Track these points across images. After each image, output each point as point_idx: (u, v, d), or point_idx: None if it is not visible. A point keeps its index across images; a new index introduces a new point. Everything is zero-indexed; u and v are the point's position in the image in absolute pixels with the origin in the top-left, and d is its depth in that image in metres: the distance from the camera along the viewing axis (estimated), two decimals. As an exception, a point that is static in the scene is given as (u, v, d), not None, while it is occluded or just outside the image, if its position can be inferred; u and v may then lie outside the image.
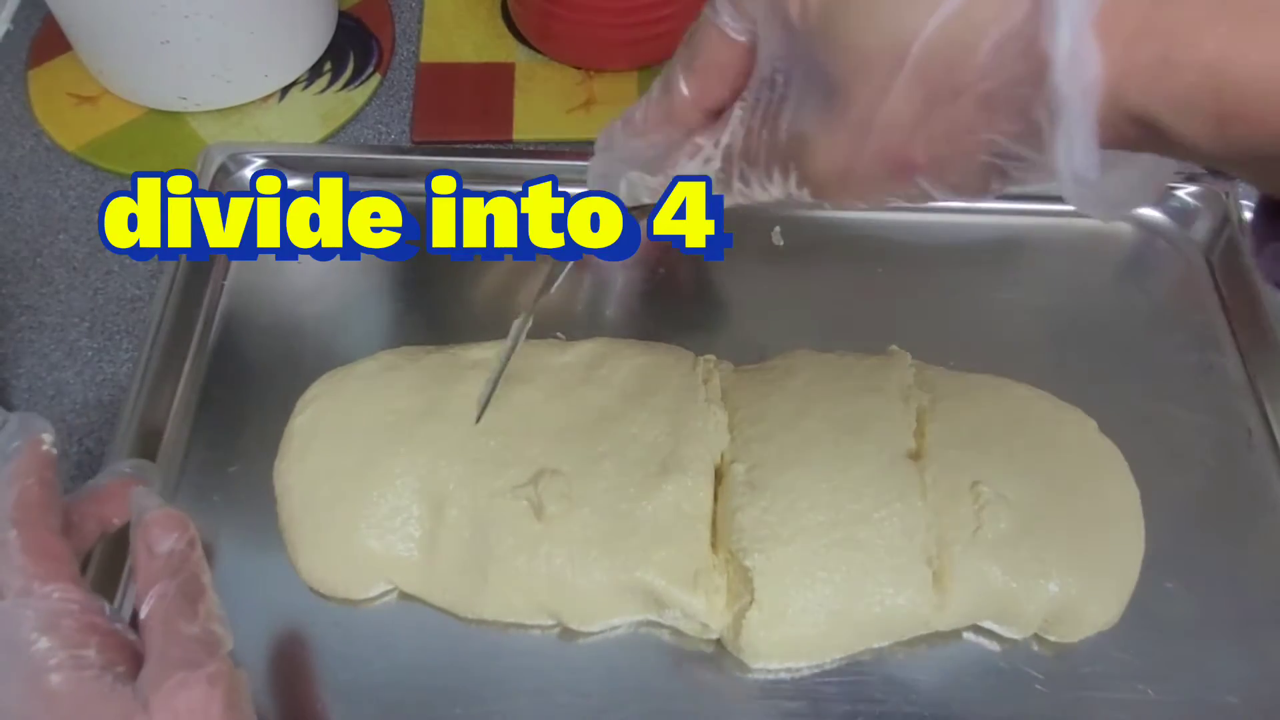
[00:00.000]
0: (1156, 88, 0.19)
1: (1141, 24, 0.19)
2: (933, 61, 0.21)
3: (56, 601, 0.31)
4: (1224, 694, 0.43)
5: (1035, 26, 0.19)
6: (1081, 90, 0.19)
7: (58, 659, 0.31)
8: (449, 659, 0.42)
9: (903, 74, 0.21)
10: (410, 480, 0.43)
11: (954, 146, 0.22)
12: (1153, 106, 0.19)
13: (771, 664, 0.42)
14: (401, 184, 0.58)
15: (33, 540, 0.32)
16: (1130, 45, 0.19)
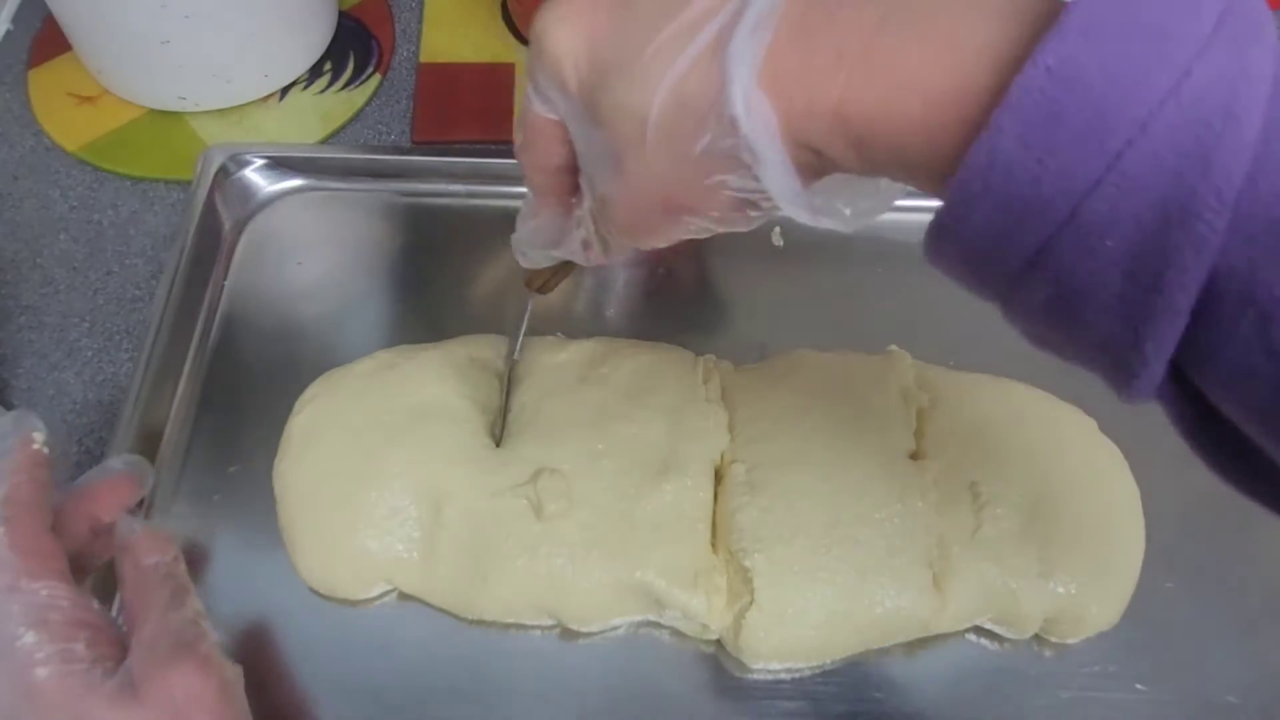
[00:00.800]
0: (811, 127, 0.25)
1: (793, 80, 0.25)
2: (664, 127, 0.27)
3: (44, 597, 0.31)
4: (1224, 694, 0.43)
5: (720, 94, 0.25)
6: (765, 136, 0.25)
7: (45, 653, 0.30)
8: (449, 659, 0.42)
9: (649, 139, 0.27)
10: (409, 480, 0.43)
11: (703, 189, 0.28)
12: (814, 141, 0.25)
13: (771, 664, 0.42)
14: (401, 184, 0.58)
15: (21, 537, 0.32)
16: (789, 97, 0.25)
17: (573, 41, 0.29)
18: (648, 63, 0.27)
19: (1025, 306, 0.24)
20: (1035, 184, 0.21)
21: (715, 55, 0.25)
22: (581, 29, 0.29)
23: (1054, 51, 0.20)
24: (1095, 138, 0.20)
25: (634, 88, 0.27)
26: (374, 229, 0.57)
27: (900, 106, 0.23)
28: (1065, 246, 0.21)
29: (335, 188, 0.58)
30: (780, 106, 0.25)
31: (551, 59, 0.29)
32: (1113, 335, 0.22)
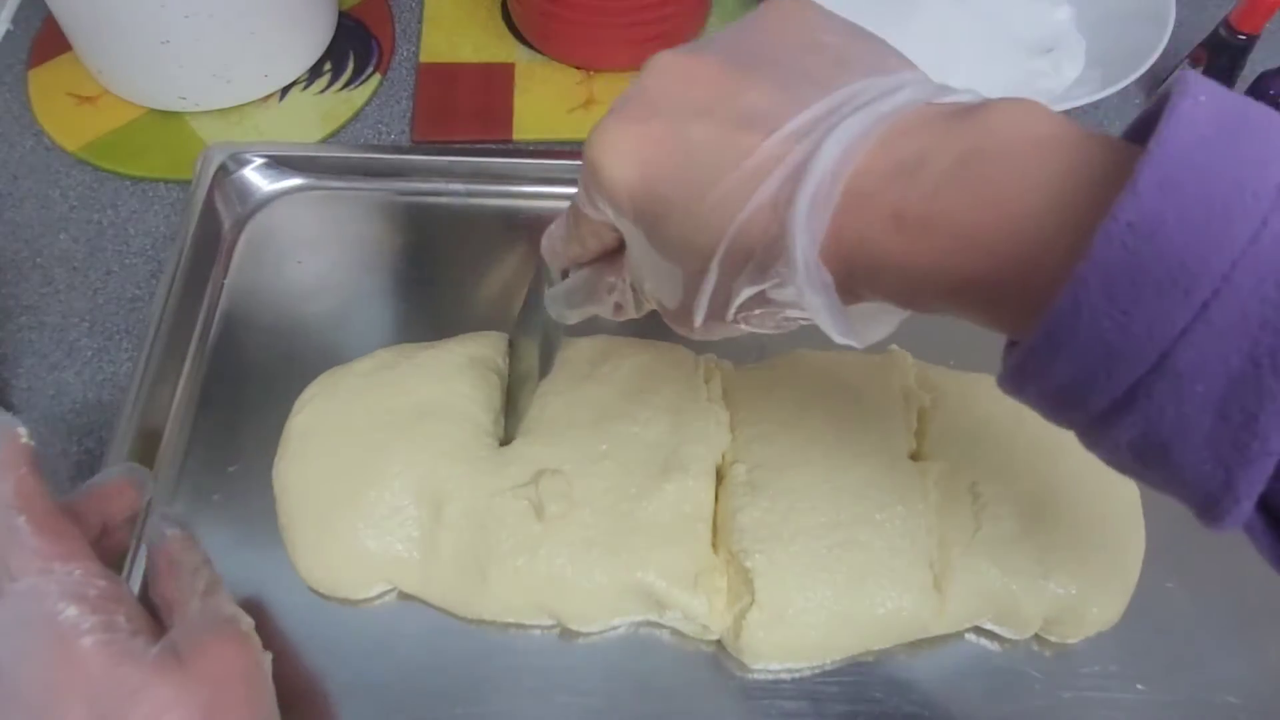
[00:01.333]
0: (871, 282, 0.26)
1: (852, 244, 0.26)
2: (725, 268, 0.28)
3: (79, 577, 0.32)
4: (1223, 694, 0.43)
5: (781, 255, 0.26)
6: (823, 294, 0.26)
7: (88, 624, 0.32)
8: (449, 659, 0.42)
9: (710, 275, 0.28)
10: (409, 479, 0.43)
11: (760, 314, 0.29)
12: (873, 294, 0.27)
13: (772, 664, 0.42)
14: (401, 184, 0.58)
15: (45, 523, 0.33)
16: (850, 258, 0.26)
17: (628, 173, 0.29)
18: (709, 210, 0.27)
19: (1111, 442, 0.24)
20: (1122, 332, 0.21)
21: (776, 215, 0.26)
22: (638, 161, 0.28)
23: (1133, 207, 0.20)
24: (1179, 290, 0.20)
25: (697, 231, 0.27)
26: (374, 228, 0.57)
27: (965, 264, 0.24)
28: (1154, 391, 0.21)
29: (335, 187, 0.58)
30: (840, 268, 0.26)
31: (605, 186, 0.29)
32: (1203, 475, 0.23)
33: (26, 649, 0.32)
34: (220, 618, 0.35)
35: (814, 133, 0.26)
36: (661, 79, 0.29)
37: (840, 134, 0.25)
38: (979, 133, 0.24)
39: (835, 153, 0.25)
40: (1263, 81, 0.60)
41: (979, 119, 0.25)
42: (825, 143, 0.25)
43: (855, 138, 0.25)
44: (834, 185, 0.25)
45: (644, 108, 0.29)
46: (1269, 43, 0.69)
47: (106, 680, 0.31)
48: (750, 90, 0.27)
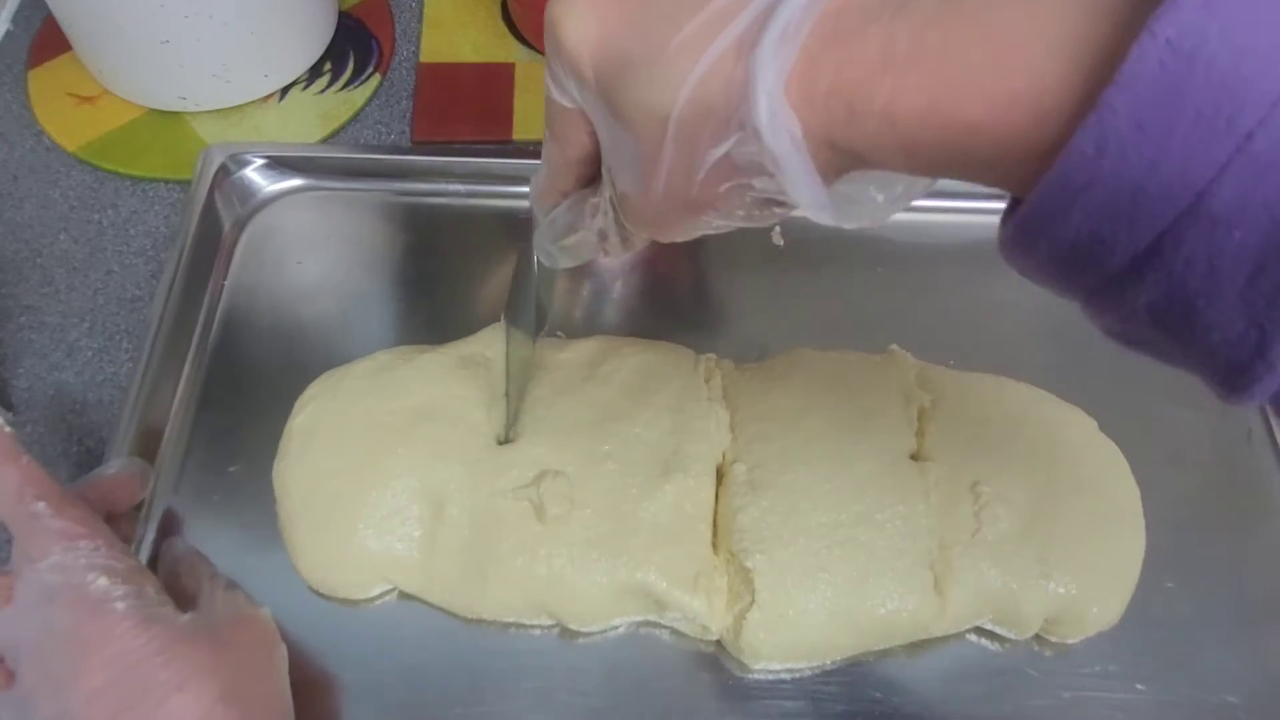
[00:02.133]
0: (852, 133, 0.23)
1: (829, 85, 0.23)
2: (685, 130, 0.26)
3: (105, 553, 0.34)
4: (1224, 694, 0.43)
5: (744, 101, 0.24)
6: (790, 145, 0.24)
7: (120, 591, 0.33)
8: (449, 659, 0.42)
9: (668, 140, 0.26)
10: (409, 480, 0.43)
11: (725, 191, 0.27)
12: (855, 146, 0.24)
13: (772, 664, 0.42)
14: (401, 184, 0.58)
15: (63, 505, 0.34)
16: (824, 103, 0.23)
17: (587, 32, 0.27)
18: (668, 61, 0.25)
19: (1126, 307, 0.21)
20: (1153, 170, 0.19)
21: (740, 58, 0.24)
22: (596, 18, 0.27)
23: (1172, 23, 0.18)
24: (1223, 116, 0.18)
25: (654, 87, 0.26)
26: (374, 229, 0.57)
27: (960, 107, 0.21)
28: (1185, 240, 0.19)
29: (335, 187, 0.58)
30: (814, 115, 0.23)
31: (565, 50, 0.28)
32: (1233, 337, 0.20)
33: (52, 618, 0.32)
34: (243, 604, 0.37)
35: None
36: None
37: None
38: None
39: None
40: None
41: None
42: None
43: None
44: (805, 18, 0.23)
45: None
46: (1269, 43, 0.69)
47: (136, 639, 0.32)
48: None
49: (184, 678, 0.32)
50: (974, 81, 0.21)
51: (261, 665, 0.35)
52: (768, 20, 0.23)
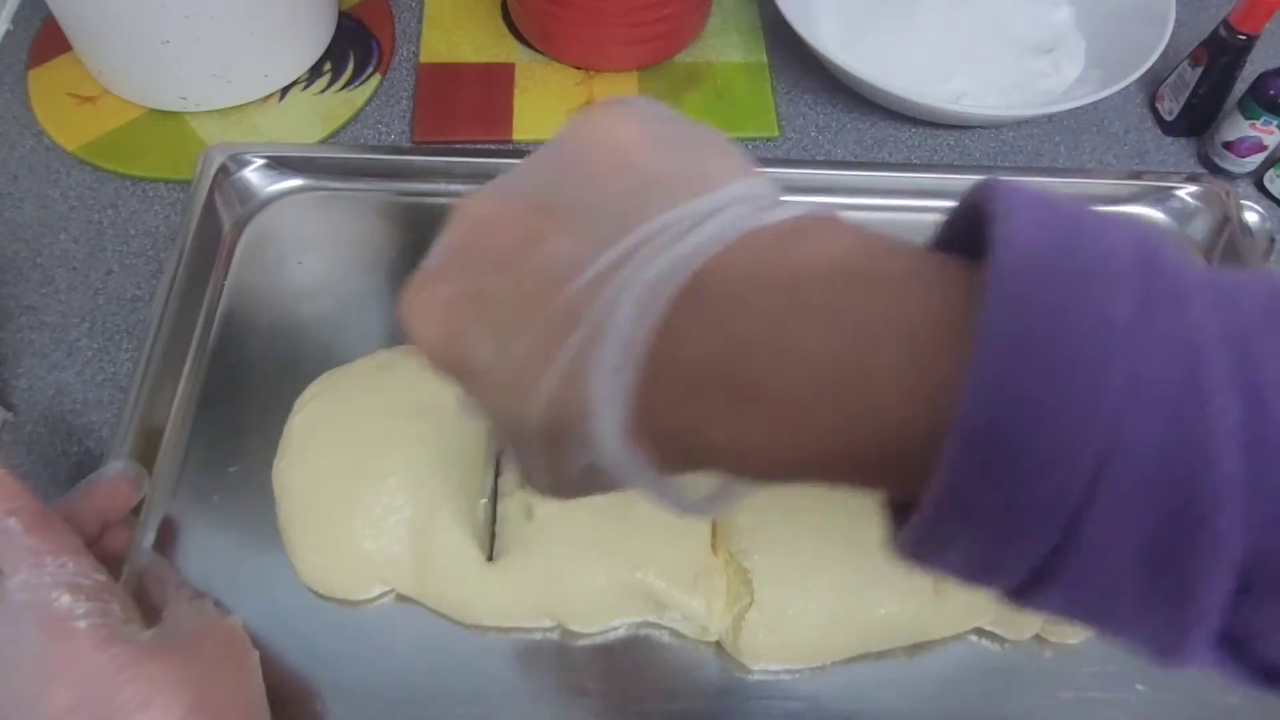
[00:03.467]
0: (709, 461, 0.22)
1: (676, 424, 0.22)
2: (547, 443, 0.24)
3: (72, 569, 0.34)
4: (1224, 694, 0.43)
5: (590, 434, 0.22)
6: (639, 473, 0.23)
7: (83, 609, 0.33)
8: (449, 659, 0.42)
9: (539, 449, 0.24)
10: (406, 480, 0.43)
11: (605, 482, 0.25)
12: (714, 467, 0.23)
13: (772, 665, 0.42)
14: (401, 184, 0.58)
15: (36, 522, 0.34)
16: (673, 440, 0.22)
17: (434, 333, 0.25)
18: (514, 377, 0.23)
19: (1042, 609, 0.21)
20: (1010, 511, 0.18)
21: (582, 379, 0.22)
22: (439, 322, 0.25)
23: (989, 369, 0.18)
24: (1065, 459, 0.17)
25: (508, 401, 0.24)
26: (374, 229, 0.57)
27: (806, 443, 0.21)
28: (1067, 567, 0.19)
29: (335, 188, 0.58)
30: (662, 445, 0.22)
31: (419, 348, 0.26)
32: (1147, 636, 0.20)
33: (17, 636, 0.32)
34: (210, 613, 0.36)
35: (612, 284, 0.22)
36: (466, 228, 0.26)
37: (639, 284, 0.21)
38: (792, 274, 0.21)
39: (632, 308, 0.21)
40: (1263, 81, 0.60)
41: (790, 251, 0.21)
42: (622, 296, 0.21)
43: (654, 287, 0.21)
44: (631, 349, 0.21)
45: (450, 262, 0.26)
46: (1269, 43, 0.69)
47: (99, 658, 0.32)
48: (551, 236, 0.23)
49: (147, 695, 0.31)
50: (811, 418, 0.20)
51: (232, 675, 0.35)
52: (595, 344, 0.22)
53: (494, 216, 0.25)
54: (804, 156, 0.63)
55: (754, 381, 0.21)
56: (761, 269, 0.21)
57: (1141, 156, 0.65)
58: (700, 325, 0.21)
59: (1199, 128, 0.66)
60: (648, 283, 0.21)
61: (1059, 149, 0.65)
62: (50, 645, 0.32)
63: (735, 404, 0.21)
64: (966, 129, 0.65)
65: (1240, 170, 0.64)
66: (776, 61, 0.68)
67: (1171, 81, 0.65)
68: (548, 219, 0.24)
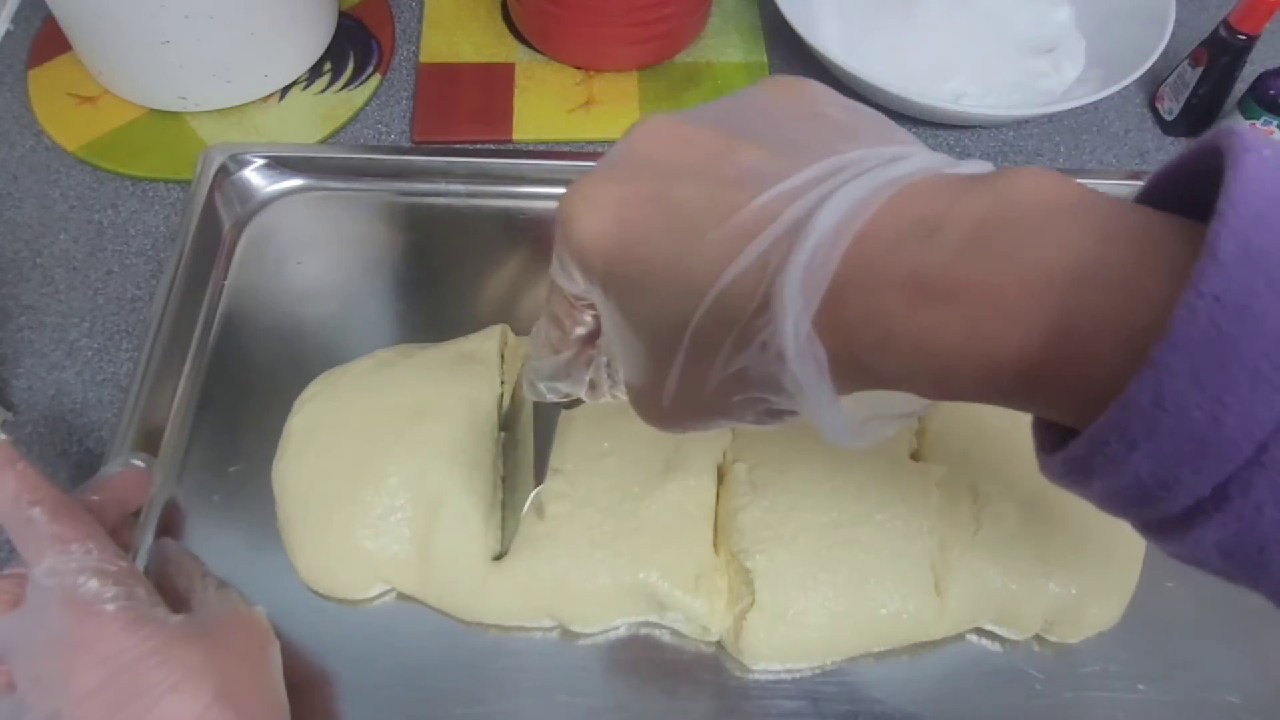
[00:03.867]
0: (881, 360, 0.22)
1: (858, 313, 0.22)
2: (701, 342, 0.24)
3: (98, 556, 0.34)
4: (1224, 694, 0.43)
5: (767, 324, 0.23)
6: (815, 373, 0.23)
7: (111, 593, 0.33)
8: (449, 659, 0.42)
9: (682, 349, 0.25)
10: (407, 479, 0.43)
11: (738, 401, 0.26)
12: (882, 372, 0.23)
13: (772, 665, 0.42)
14: (401, 184, 0.58)
15: (59, 510, 0.35)
16: (853, 332, 0.22)
17: (603, 233, 0.26)
18: (689, 271, 0.24)
19: (1193, 541, 0.21)
20: (1213, 423, 0.18)
21: (765, 277, 0.23)
22: (613, 219, 0.25)
23: (1217, 278, 0.18)
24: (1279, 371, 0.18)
25: (672, 296, 0.24)
26: (374, 229, 0.57)
27: (997, 344, 0.21)
28: (1253, 486, 0.19)
29: (335, 188, 0.58)
30: (840, 341, 0.22)
31: (578, 250, 0.26)
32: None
33: (44, 620, 0.33)
34: (236, 602, 0.37)
35: (812, 193, 0.23)
36: (650, 139, 0.26)
37: (844, 194, 0.22)
38: (997, 198, 0.22)
39: (838, 212, 0.22)
40: (1263, 81, 0.60)
41: (995, 185, 0.22)
42: (827, 202, 0.22)
43: (860, 198, 0.22)
44: (835, 246, 0.22)
45: (628, 167, 0.26)
46: (1269, 43, 0.69)
47: (127, 640, 0.32)
48: (744, 151, 0.25)
49: (178, 679, 0.32)
50: (1012, 317, 0.20)
51: (256, 664, 0.35)
52: (795, 240, 0.22)
53: (682, 131, 0.26)
54: (804, 156, 0.63)
55: (958, 277, 0.21)
56: (968, 194, 0.22)
57: (1142, 156, 0.65)
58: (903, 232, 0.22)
59: (1199, 128, 0.66)
60: (851, 195, 0.22)
61: (1059, 149, 0.65)
62: (78, 626, 0.32)
63: (931, 297, 0.21)
64: (966, 129, 0.65)
65: (1240, 170, 0.64)
66: (776, 61, 0.68)
67: (1171, 81, 0.65)
68: (741, 143, 0.25)
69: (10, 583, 0.35)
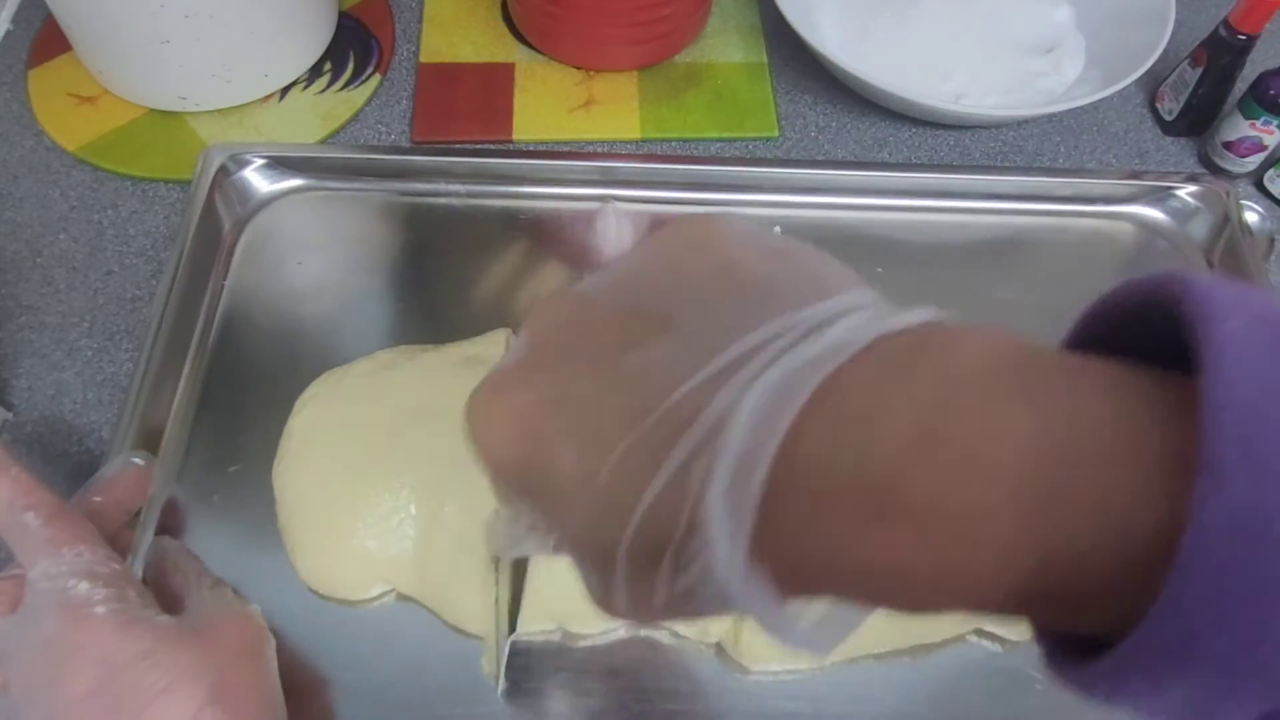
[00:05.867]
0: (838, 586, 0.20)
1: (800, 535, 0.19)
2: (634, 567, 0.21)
3: (89, 559, 0.34)
4: (1224, 694, 0.42)
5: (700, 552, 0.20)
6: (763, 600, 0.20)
7: (100, 595, 0.33)
8: (449, 659, 0.42)
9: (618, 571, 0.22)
10: (407, 480, 0.43)
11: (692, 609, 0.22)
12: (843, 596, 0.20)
13: (771, 665, 0.42)
14: (401, 184, 0.58)
15: (53, 514, 0.34)
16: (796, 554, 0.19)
17: (507, 446, 0.23)
18: (604, 491, 0.21)
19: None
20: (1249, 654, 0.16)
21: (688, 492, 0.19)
22: (515, 431, 0.22)
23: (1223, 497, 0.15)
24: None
25: (591, 518, 0.21)
26: (374, 229, 0.57)
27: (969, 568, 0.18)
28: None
29: (335, 188, 0.58)
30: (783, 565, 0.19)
31: (487, 463, 0.24)
32: None
33: (38, 624, 0.33)
34: (231, 601, 0.36)
35: (729, 386, 0.19)
36: (545, 327, 0.23)
37: (762, 385, 0.19)
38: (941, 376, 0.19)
39: (758, 411, 0.19)
40: (1263, 81, 0.60)
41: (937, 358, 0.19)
42: (744, 398, 0.19)
43: (781, 389, 0.19)
44: (758, 456, 0.19)
45: (525, 366, 0.23)
46: (1269, 43, 0.69)
47: (118, 642, 0.32)
48: (650, 335, 0.21)
49: (170, 680, 0.32)
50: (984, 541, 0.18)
51: (251, 664, 0.35)
52: (712, 454, 0.19)
53: (578, 315, 0.23)
54: (804, 156, 0.63)
55: (913, 491, 0.18)
56: (908, 372, 0.19)
57: (1141, 156, 0.65)
58: (837, 433, 0.19)
59: (1199, 128, 0.66)
60: (772, 386, 0.19)
61: (1059, 149, 0.65)
62: (69, 629, 0.32)
63: (883, 517, 0.18)
64: (966, 129, 0.65)
65: (1240, 170, 0.64)
66: (776, 61, 0.68)
67: (1171, 81, 0.65)
68: (643, 321, 0.22)
69: (9, 584, 0.35)
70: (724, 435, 0.19)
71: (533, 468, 0.22)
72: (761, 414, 0.19)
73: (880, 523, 0.18)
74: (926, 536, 0.18)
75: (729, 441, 0.19)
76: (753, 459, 0.19)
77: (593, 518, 0.21)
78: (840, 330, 0.20)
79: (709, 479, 0.19)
